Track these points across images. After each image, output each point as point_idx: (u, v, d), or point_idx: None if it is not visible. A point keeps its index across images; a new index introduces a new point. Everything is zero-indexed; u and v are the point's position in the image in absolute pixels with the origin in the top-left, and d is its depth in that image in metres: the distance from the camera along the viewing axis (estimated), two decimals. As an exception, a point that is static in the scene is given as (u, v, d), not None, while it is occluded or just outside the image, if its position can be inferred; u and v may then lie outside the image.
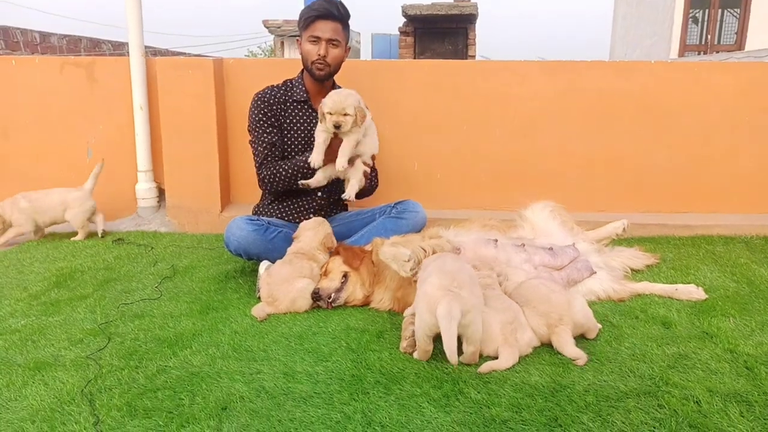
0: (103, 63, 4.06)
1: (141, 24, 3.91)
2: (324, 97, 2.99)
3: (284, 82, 3.11)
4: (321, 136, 2.76)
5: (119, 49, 13.20)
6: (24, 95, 4.00)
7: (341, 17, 2.93)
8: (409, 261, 2.25)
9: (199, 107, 3.78)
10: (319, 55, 2.90)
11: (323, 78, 2.99)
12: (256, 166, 3.01)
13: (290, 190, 2.99)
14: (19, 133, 4.02)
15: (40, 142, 4.02)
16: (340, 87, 3.11)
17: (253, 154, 3.02)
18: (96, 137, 4.03)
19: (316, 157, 2.74)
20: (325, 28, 2.90)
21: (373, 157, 3.09)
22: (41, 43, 11.20)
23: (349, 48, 3.11)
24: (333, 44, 2.93)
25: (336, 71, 3.04)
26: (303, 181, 2.84)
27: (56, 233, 3.79)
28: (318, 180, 2.84)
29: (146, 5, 3.94)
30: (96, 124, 4.02)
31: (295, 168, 2.89)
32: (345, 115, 2.67)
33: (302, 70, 3.07)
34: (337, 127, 2.67)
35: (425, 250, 2.43)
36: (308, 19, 2.91)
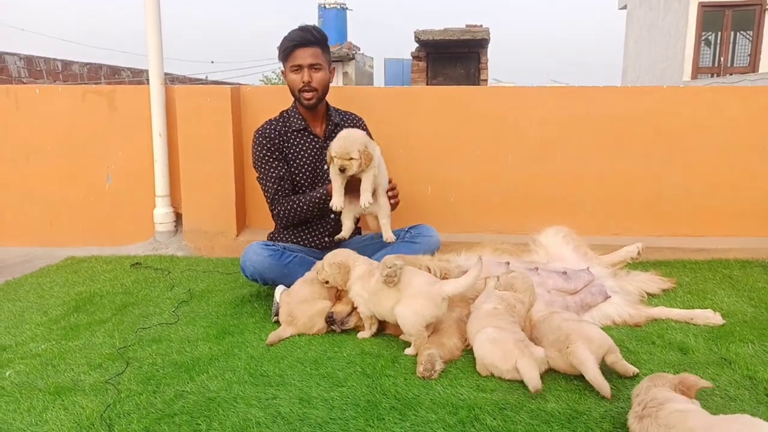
0: (124, 91, 4.18)
1: (161, 54, 4.01)
2: (321, 121, 3.10)
3: (281, 114, 3.15)
4: (338, 179, 2.72)
5: (138, 76, 13.48)
6: (47, 122, 4.11)
7: (318, 41, 2.98)
8: (391, 267, 2.23)
9: (217, 134, 3.85)
10: (304, 81, 2.95)
11: (313, 105, 3.03)
12: (268, 202, 3.05)
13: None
14: (42, 159, 4.12)
15: (62, 167, 4.12)
16: (336, 109, 3.17)
17: (263, 191, 3.06)
18: (115, 163, 4.12)
19: (337, 201, 2.72)
20: (304, 55, 2.94)
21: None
22: (63, 71, 11.48)
23: (334, 69, 3.16)
24: (315, 68, 2.97)
25: (325, 95, 3.07)
26: (338, 237, 2.87)
27: (75, 257, 3.85)
28: (348, 228, 2.86)
29: (165, 33, 4.05)
30: (116, 150, 4.11)
31: (311, 203, 2.92)
32: (350, 159, 2.65)
33: (294, 100, 3.11)
34: (342, 170, 2.66)
35: (430, 269, 2.45)
36: (287, 50, 2.95)
